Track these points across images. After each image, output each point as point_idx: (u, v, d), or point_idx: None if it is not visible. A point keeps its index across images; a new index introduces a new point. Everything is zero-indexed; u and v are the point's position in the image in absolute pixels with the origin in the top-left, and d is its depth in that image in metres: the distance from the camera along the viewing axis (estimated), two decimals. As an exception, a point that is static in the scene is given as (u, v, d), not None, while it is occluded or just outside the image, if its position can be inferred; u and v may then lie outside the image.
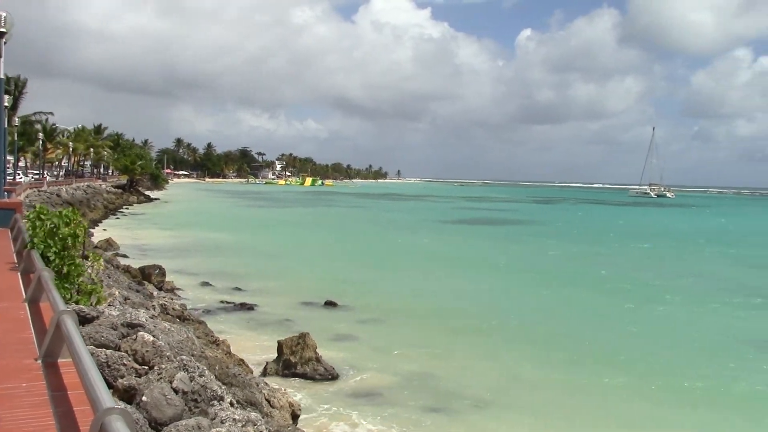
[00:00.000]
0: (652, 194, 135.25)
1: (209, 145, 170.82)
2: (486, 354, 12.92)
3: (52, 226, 7.13)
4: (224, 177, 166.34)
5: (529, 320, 16.16)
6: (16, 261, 8.41)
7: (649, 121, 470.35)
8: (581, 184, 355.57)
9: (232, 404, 5.52)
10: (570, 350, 13.27)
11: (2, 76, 13.50)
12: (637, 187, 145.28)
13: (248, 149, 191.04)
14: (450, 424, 9.22)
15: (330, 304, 17.03)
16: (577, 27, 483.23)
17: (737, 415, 10.12)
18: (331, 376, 10.95)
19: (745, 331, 15.86)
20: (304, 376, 10.78)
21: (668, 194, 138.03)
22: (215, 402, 5.33)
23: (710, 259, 30.63)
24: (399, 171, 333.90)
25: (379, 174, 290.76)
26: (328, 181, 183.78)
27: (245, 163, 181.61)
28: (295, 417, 7.85)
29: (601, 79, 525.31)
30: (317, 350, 11.18)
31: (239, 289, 18.41)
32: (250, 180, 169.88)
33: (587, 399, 10.46)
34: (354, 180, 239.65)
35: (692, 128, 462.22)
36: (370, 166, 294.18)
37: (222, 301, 16.63)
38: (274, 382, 9.42)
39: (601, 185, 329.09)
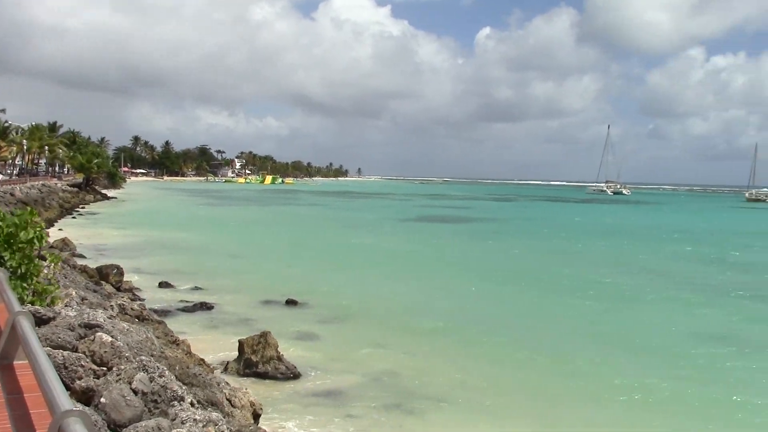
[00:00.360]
0: (609, 191, 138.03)
1: (167, 143, 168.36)
2: (446, 353, 12.99)
3: (9, 231, 6.89)
4: (183, 175, 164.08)
5: (491, 319, 16.30)
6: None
7: (607, 119, 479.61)
8: (540, 182, 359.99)
9: (192, 404, 5.48)
10: (531, 349, 13.40)
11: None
12: (594, 184, 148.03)
13: (207, 147, 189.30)
14: (410, 424, 9.25)
15: (291, 302, 16.96)
16: (536, 26, 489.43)
17: (694, 415, 10.35)
18: (293, 374, 10.92)
19: (706, 328, 16.20)
20: (265, 375, 10.73)
21: (624, 191, 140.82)
22: (175, 402, 5.28)
23: (666, 256, 31.26)
24: (359, 169, 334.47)
25: (340, 172, 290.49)
26: (288, 180, 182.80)
27: (204, 162, 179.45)
28: (256, 416, 7.81)
29: (560, 78, 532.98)
30: (279, 349, 11.13)
31: (199, 289, 18.21)
32: (209, 178, 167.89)
33: (546, 398, 10.59)
34: (314, 178, 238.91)
35: (648, 126, 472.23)
36: (331, 164, 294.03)
37: (181, 301, 16.43)
38: (235, 381, 9.35)
39: (559, 183, 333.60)
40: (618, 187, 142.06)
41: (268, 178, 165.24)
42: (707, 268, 26.94)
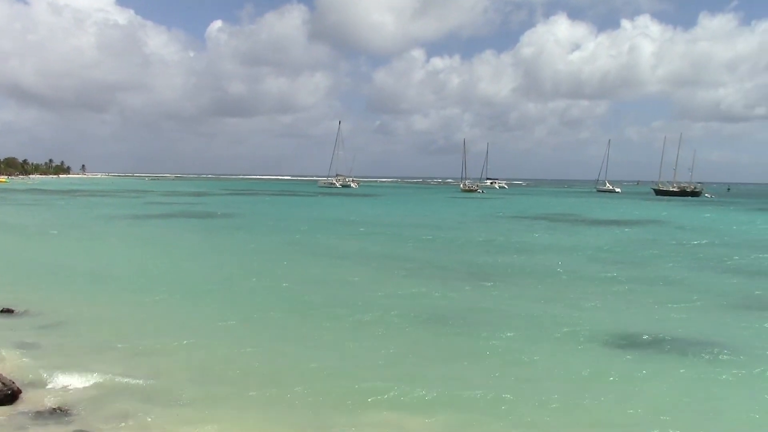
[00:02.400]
0: (338, 185, 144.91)
1: None
2: (178, 351, 12.91)
3: None
4: None
5: (236, 313, 16.40)
6: None
7: (337, 115, 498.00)
8: (275, 176, 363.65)
9: None
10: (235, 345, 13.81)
11: None
12: (325, 178, 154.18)
13: None
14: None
15: (6, 311, 15.61)
16: (268, 21, 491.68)
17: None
18: (11, 391, 10.17)
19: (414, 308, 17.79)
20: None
21: (353, 184, 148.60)
22: None
23: (353, 246, 33.60)
24: (84, 166, 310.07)
25: (61, 169, 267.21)
26: (1, 178, 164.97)
27: None
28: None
29: (292, 74, 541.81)
30: (-7, 364, 10.29)
31: None
32: None
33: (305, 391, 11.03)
34: (31, 176, 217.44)
35: (375, 122, 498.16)
36: (51, 160, 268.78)
37: None
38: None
39: (292, 177, 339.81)
40: (347, 180, 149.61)
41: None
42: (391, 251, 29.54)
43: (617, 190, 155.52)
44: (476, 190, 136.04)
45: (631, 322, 16.08)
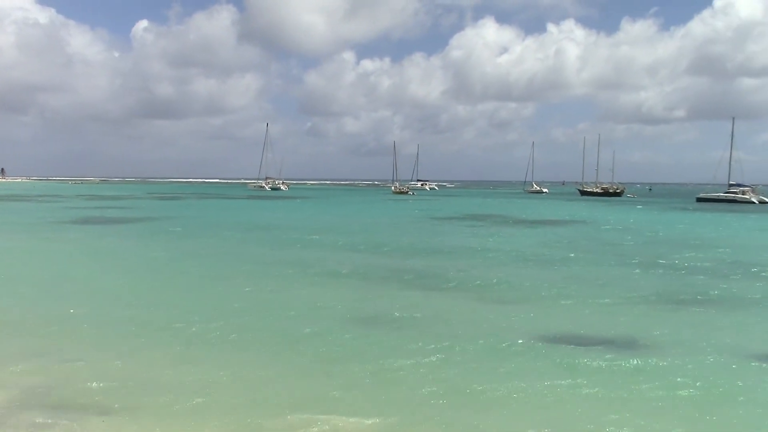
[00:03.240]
0: (267, 187, 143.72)
1: None
2: (104, 358, 12.47)
3: None
4: None
5: (158, 319, 15.96)
6: None
7: (268, 117, 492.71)
8: (204, 179, 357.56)
9: None
10: (203, 348, 13.52)
11: None
12: (255, 181, 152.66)
13: None
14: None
15: None
16: (197, 21, 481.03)
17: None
18: None
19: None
20: None
21: (282, 187, 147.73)
22: None
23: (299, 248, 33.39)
24: (2, 169, 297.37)
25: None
26: None
27: None
28: None
29: (222, 75, 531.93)
30: None
31: None
32: None
33: (215, 397, 10.81)
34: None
35: (306, 124, 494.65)
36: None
37: None
38: None
39: (222, 180, 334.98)
40: (276, 183, 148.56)
41: None
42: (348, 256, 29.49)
43: (545, 190, 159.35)
44: (407, 192, 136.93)
45: (560, 322, 16.40)
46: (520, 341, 14.18)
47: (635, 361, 12.75)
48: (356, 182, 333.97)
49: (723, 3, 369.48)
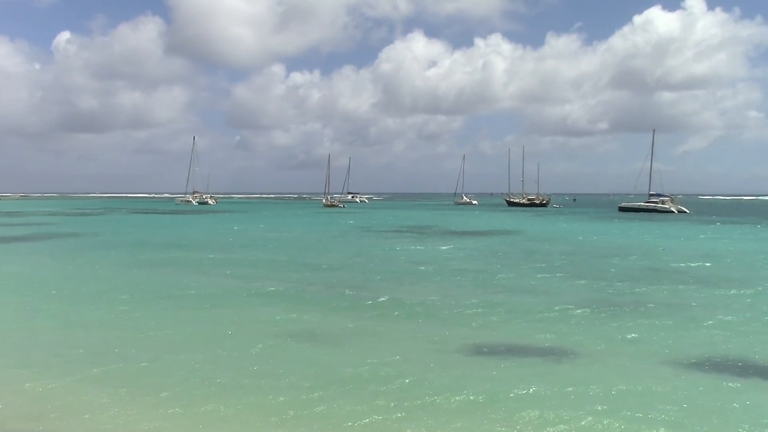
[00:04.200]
0: (194, 202, 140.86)
1: None
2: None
3: None
4: None
5: (72, 340, 14.98)
6: None
7: (195, 131, 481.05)
8: (130, 194, 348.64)
9: None
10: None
11: None
12: (182, 195, 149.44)
13: None
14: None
15: None
16: (122, 33, 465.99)
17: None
18: None
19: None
20: None
21: (210, 201, 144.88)
22: None
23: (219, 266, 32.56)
24: None
25: None
26: None
27: None
28: None
29: (148, 88, 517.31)
30: None
31: None
32: None
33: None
34: None
35: (235, 138, 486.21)
36: None
37: None
38: None
39: (149, 195, 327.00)
40: (203, 197, 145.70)
41: None
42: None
43: (474, 202, 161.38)
44: (338, 205, 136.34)
45: (491, 331, 16.35)
46: (455, 352, 14.00)
47: (562, 367, 12.78)
48: (287, 196, 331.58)
49: (642, 20, 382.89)
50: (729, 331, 16.56)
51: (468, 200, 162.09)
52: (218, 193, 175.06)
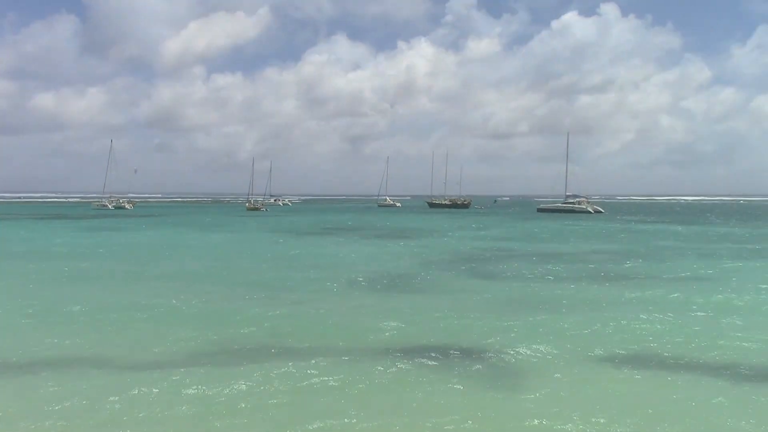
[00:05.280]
0: (110, 206, 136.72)
1: None
2: None
3: None
4: None
5: None
6: None
7: (113, 132, 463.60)
8: (45, 198, 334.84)
9: None
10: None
11: None
12: (99, 199, 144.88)
13: None
14: None
15: None
16: (34, 31, 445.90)
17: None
18: None
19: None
20: None
21: (127, 206, 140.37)
22: None
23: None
24: None
25: None
26: None
27: None
28: None
29: (63, 89, 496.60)
30: None
31: None
32: None
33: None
34: None
35: (154, 141, 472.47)
36: None
37: None
38: None
39: (66, 199, 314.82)
40: (120, 201, 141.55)
41: None
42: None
43: (397, 204, 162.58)
44: (260, 209, 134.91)
45: (422, 332, 16.77)
46: (371, 351, 14.31)
47: (478, 367, 13.23)
48: (208, 198, 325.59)
49: (560, 25, 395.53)
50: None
51: (391, 202, 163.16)
52: (138, 196, 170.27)
